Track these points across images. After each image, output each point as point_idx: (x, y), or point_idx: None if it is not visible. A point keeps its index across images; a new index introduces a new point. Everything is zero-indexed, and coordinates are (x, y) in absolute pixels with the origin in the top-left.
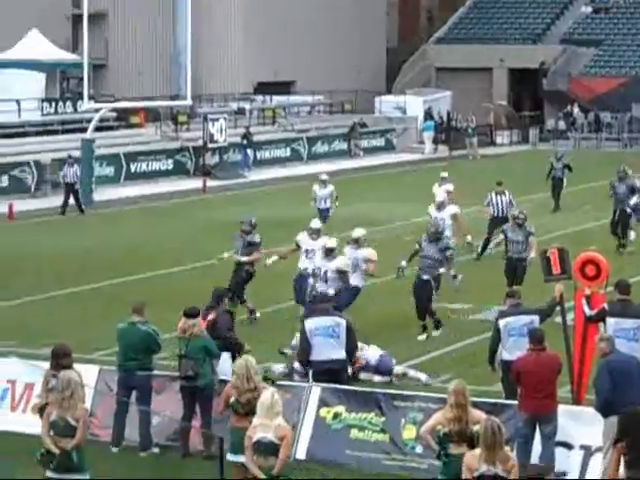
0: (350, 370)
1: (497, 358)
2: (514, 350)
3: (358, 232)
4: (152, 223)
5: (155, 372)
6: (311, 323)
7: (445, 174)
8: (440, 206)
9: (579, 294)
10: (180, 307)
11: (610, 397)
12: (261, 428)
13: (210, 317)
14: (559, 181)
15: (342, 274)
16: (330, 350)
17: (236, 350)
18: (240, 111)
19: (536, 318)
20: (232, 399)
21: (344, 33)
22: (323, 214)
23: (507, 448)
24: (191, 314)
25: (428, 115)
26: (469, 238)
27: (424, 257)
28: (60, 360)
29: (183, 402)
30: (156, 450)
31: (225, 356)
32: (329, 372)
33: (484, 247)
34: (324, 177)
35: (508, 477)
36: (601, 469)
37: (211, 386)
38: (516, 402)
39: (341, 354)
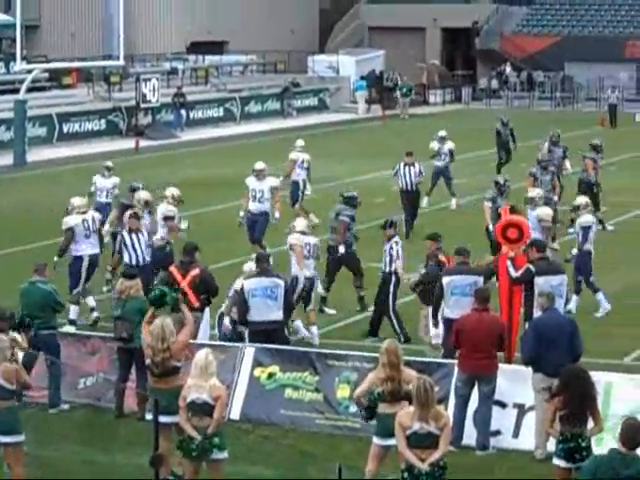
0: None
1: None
2: (455, 309)
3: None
4: (85, 183)
5: (88, 333)
6: (249, 283)
7: (300, 142)
8: (259, 174)
9: (503, 257)
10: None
11: (534, 355)
12: (195, 389)
13: (195, 272)
14: (507, 146)
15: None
16: (267, 311)
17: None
18: (173, 71)
19: (481, 279)
20: (147, 360)
21: None
22: (100, 210)
23: (440, 406)
24: (129, 275)
25: (375, 76)
26: (277, 215)
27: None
28: None
29: (119, 363)
30: (65, 407)
31: (207, 315)
32: (265, 333)
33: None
34: (109, 164)
35: (441, 434)
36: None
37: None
38: (451, 361)
39: (278, 315)
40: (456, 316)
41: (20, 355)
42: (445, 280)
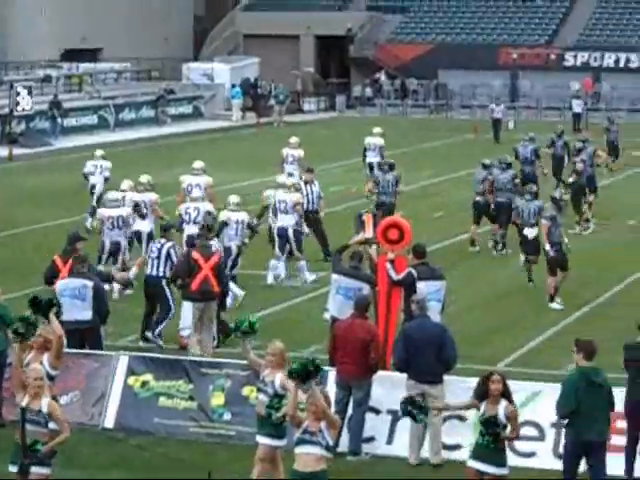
0: None
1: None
2: (339, 307)
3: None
4: None
5: None
6: (59, 285)
7: (293, 139)
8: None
9: (382, 258)
10: None
11: (404, 361)
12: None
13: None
14: (560, 160)
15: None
16: (75, 311)
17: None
18: (47, 78)
19: (366, 286)
20: None
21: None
22: None
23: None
24: None
25: (250, 83)
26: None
27: None
28: None
29: None
30: None
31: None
32: (76, 332)
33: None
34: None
35: None
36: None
37: (4, 354)
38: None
39: (87, 315)
40: (340, 316)
41: None
42: (334, 276)
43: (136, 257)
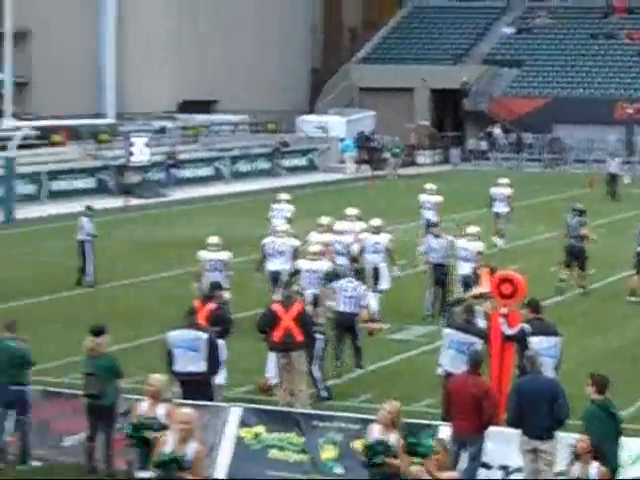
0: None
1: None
2: (451, 361)
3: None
4: (74, 242)
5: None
6: (172, 336)
7: (429, 185)
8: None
9: (495, 313)
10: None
11: (517, 417)
12: None
13: (211, 306)
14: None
15: None
16: (189, 362)
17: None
18: (162, 130)
19: (478, 341)
20: None
21: (268, 52)
22: None
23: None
24: (97, 332)
25: (365, 136)
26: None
27: None
28: None
29: (87, 420)
30: (36, 464)
31: (221, 343)
32: (189, 383)
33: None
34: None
35: None
36: None
37: (115, 406)
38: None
39: (201, 366)
40: (453, 370)
41: None
42: (446, 331)
43: None
